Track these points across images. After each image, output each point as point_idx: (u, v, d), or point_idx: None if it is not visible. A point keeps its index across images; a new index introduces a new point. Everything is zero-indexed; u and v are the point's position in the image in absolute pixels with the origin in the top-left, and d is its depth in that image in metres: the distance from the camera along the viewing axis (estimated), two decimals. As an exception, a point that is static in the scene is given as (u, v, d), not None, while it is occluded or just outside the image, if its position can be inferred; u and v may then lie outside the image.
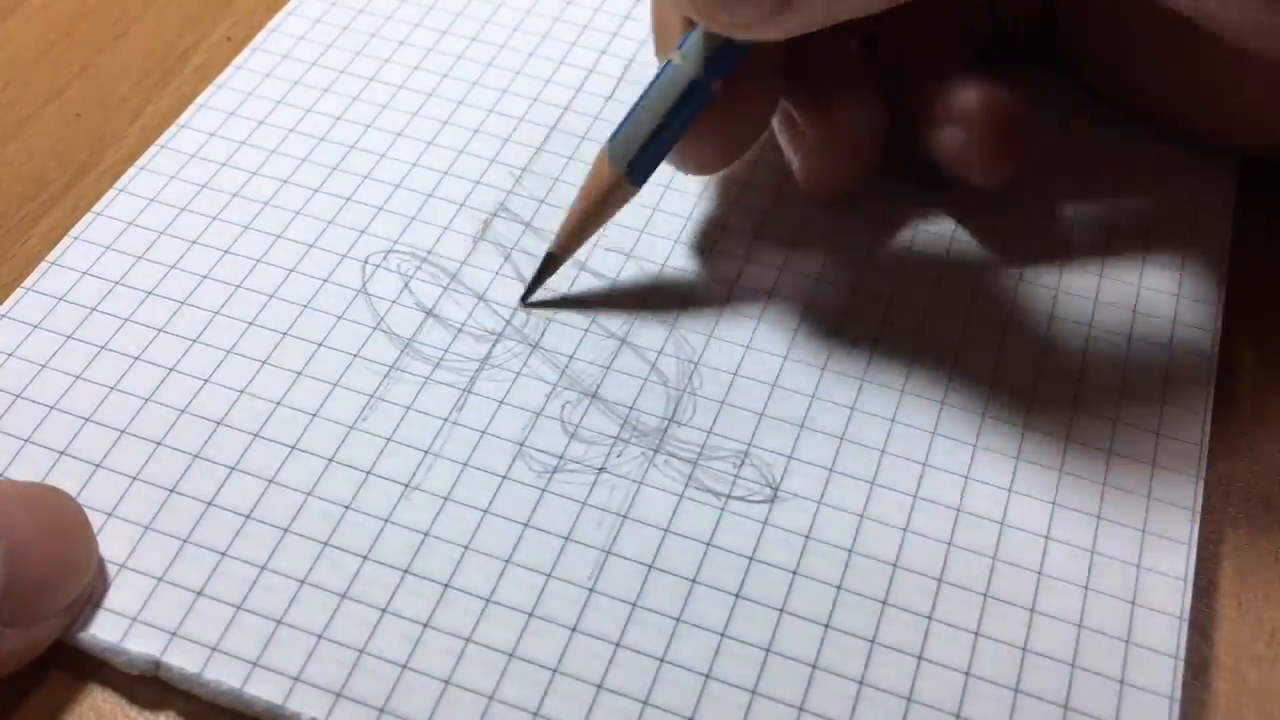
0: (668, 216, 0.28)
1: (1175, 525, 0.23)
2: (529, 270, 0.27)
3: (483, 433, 0.24)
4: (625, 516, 0.23)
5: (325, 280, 0.27)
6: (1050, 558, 0.23)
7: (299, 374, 0.25)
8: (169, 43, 0.33)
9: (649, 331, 0.26)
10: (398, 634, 0.22)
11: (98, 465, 0.24)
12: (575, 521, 0.23)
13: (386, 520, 0.23)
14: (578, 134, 0.30)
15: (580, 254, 0.27)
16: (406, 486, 0.23)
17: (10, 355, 0.25)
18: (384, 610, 0.22)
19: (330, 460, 0.24)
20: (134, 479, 0.23)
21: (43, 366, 0.25)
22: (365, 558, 0.22)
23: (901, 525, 0.23)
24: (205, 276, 0.27)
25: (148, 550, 0.22)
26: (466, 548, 0.23)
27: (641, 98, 0.25)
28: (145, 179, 0.28)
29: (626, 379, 0.25)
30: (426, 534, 0.23)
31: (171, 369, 0.25)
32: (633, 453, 0.24)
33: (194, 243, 0.27)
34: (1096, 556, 0.23)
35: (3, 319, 0.26)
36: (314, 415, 0.24)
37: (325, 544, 0.23)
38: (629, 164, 0.25)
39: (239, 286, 0.26)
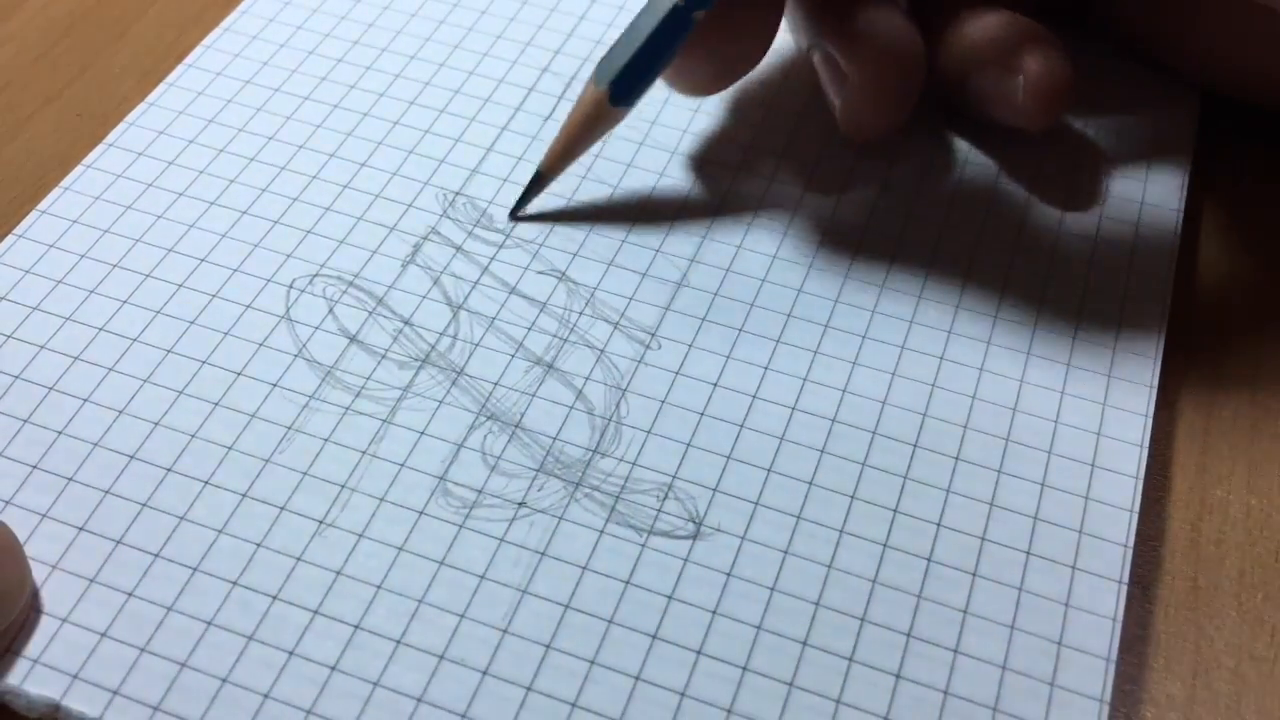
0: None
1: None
2: (457, 294, 0.26)
3: (401, 466, 0.24)
4: (543, 554, 0.23)
5: (248, 306, 0.26)
6: (977, 595, 0.22)
7: (216, 405, 0.24)
8: (169, 43, 0.33)
9: (576, 357, 0.25)
10: (305, 678, 0.21)
11: (7, 503, 0.23)
12: (492, 559, 0.22)
13: (299, 559, 0.22)
14: (514, 155, 0.29)
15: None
16: (321, 523, 0.23)
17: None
18: (291, 653, 0.21)
19: (244, 496, 0.23)
20: (43, 516, 0.23)
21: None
22: (275, 598, 0.22)
23: (826, 562, 0.23)
24: (125, 302, 0.26)
25: (54, 591, 0.22)
26: (379, 587, 0.22)
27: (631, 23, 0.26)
28: (67, 200, 0.28)
29: (551, 407, 0.25)
30: (339, 573, 0.22)
31: (86, 399, 0.24)
32: (554, 486, 0.24)
33: (115, 266, 0.27)
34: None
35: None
36: (229, 448, 0.24)
37: (234, 584, 0.22)
38: (610, 85, 0.26)
39: (159, 312, 0.26)
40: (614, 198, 0.28)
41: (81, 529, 0.23)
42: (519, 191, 0.28)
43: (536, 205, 0.28)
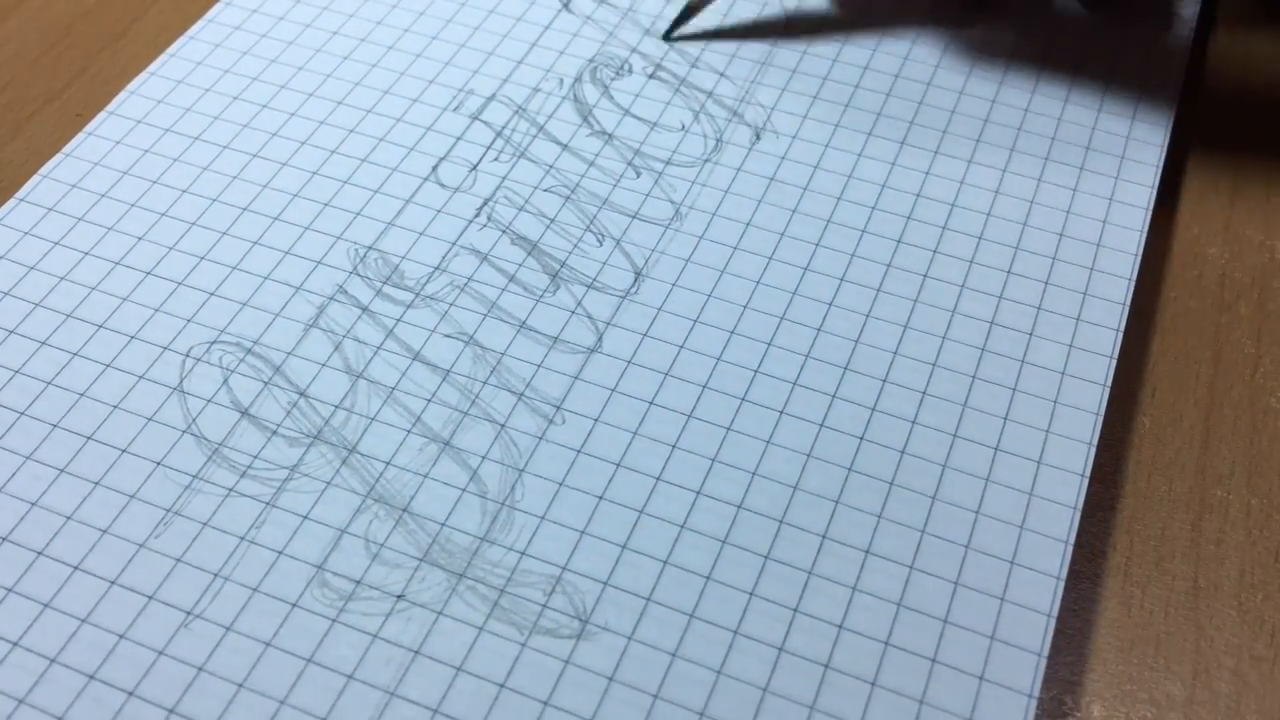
0: None
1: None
2: (358, 361, 0.25)
3: (280, 553, 0.23)
4: (417, 653, 0.21)
5: (141, 377, 0.25)
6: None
7: (96, 484, 0.23)
8: (169, 43, 0.33)
9: (475, 433, 0.24)
10: (154, 785, 0.20)
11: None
12: (363, 658, 0.21)
13: (161, 653, 0.21)
14: (433, 207, 0.28)
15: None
16: (188, 614, 0.22)
17: None
18: (141, 758, 0.20)
19: (113, 583, 0.22)
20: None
21: None
22: (131, 694, 0.21)
23: (715, 667, 0.21)
24: (17, 372, 0.25)
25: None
26: (241, 686, 0.21)
27: None
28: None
29: (443, 489, 0.23)
30: (201, 669, 0.21)
31: (-36, 477, 0.24)
32: (436, 577, 0.22)
33: (11, 333, 0.26)
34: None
35: None
36: (104, 532, 0.23)
37: (91, 678, 0.21)
38: None
39: (49, 383, 0.25)
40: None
41: (-54, 616, 0.22)
42: (434, 245, 0.27)
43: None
